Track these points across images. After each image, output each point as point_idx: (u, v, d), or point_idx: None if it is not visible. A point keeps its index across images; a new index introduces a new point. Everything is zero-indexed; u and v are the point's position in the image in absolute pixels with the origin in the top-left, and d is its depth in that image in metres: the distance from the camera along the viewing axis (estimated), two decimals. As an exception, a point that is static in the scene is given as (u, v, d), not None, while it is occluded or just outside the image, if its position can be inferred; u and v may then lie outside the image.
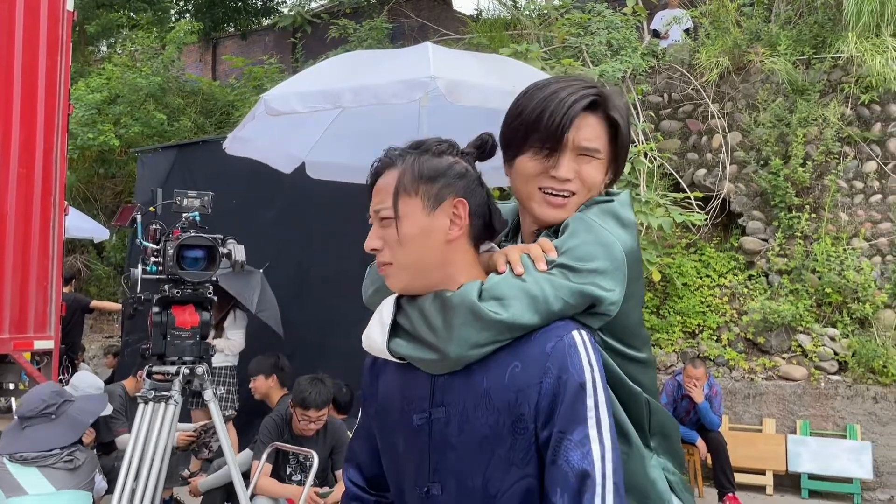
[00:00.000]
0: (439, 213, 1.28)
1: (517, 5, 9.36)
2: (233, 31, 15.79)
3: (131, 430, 2.83)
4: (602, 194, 1.41)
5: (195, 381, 2.93)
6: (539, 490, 1.20)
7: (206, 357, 3.00)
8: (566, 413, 1.16)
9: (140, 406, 2.87)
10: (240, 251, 3.12)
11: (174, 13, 15.42)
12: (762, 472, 6.25)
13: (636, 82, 7.60)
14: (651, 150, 6.31)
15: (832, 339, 6.64)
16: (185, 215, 3.14)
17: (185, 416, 4.89)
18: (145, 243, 3.07)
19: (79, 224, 8.72)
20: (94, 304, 8.04)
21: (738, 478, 5.93)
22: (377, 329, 1.34)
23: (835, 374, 6.51)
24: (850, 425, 6.24)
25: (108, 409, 3.64)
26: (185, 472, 5.14)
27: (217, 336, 5.51)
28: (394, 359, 1.32)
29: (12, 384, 4.82)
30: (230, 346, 5.58)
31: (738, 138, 7.71)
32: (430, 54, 3.62)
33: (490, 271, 1.31)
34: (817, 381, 6.45)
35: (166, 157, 7.58)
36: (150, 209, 3.16)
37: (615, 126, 1.38)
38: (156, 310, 2.95)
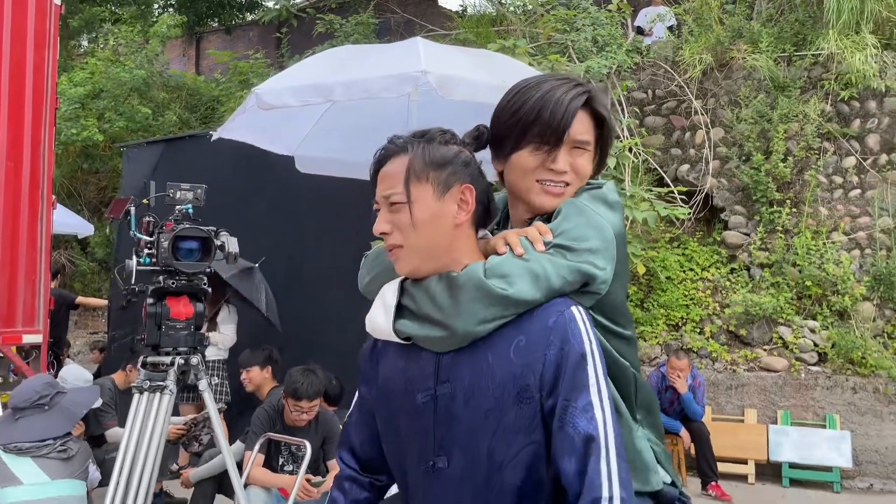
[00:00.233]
0: (448, 198, 1.34)
1: (503, 2, 9.42)
2: (217, 26, 15.70)
3: (126, 421, 2.86)
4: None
5: (190, 371, 2.96)
6: (545, 456, 1.27)
7: (200, 348, 3.03)
8: (570, 382, 1.23)
9: (135, 396, 2.90)
10: (233, 243, 3.15)
11: (157, 7, 15.32)
12: (744, 462, 6.37)
13: (621, 79, 7.69)
14: (636, 145, 6.40)
15: (812, 330, 6.77)
16: (178, 207, 3.16)
17: (174, 410, 4.91)
18: (139, 235, 3.10)
19: (63, 219, 8.67)
20: (80, 300, 8.01)
21: (721, 467, 6.05)
22: (381, 312, 1.39)
23: (815, 365, 6.64)
24: (829, 415, 6.37)
25: (98, 401, 3.66)
26: (173, 467, 5.17)
27: (210, 330, 5.53)
28: (399, 340, 1.37)
29: (1, 378, 4.81)
30: (223, 340, 5.60)
31: (721, 134, 7.82)
32: (421, 49, 3.66)
33: (489, 255, 1.37)
34: (798, 372, 6.58)
35: (152, 151, 7.56)
36: (144, 201, 3.18)
37: (601, 119, 1.48)
38: (150, 301, 2.98)
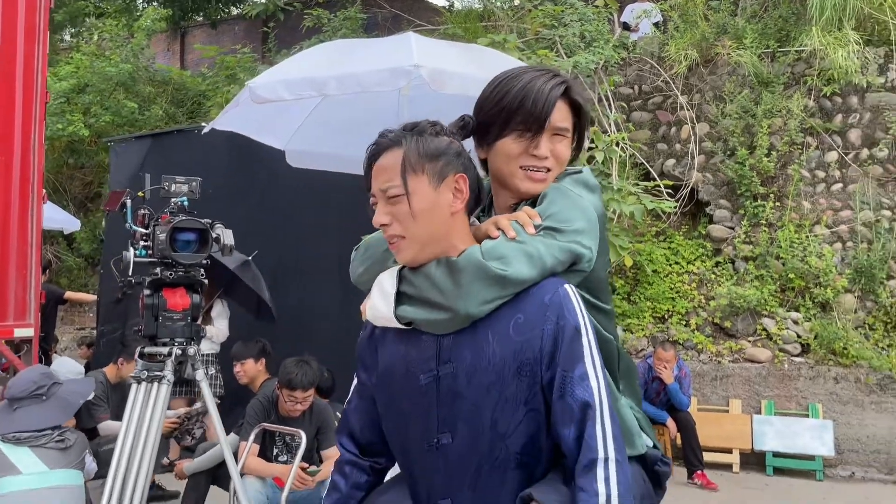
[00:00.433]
0: (443, 188, 1.40)
1: (490, -3, 9.45)
2: (202, 21, 15.61)
3: (124, 411, 2.89)
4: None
5: (187, 361, 2.99)
6: (544, 424, 1.34)
7: (196, 339, 3.07)
8: (566, 353, 1.31)
9: (132, 386, 2.93)
10: (228, 235, 3.18)
11: (142, 1, 15.21)
12: (729, 451, 6.48)
13: (608, 74, 7.77)
14: (623, 140, 6.48)
15: (795, 322, 6.89)
16: (173, 200, 3.19)
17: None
18: (135, 227, 3.12)
19: (49, 215, 8.58)
20: (68, 294, 7.98)
21: (706, 456, 6.15)
22: (380, 300, 1.44)
23: (798, 356, 6.76)
24: (812, 405, 6.50)
25: (91, 393, 3.68)
26: (164, 460, 5.19)
27: (205, 323, 5.55)
28: (401, 325, 1.42)
29: (-7, 372, 4.82)
30: (217, 334, 5.63)
31: (706, 129, 7.92)
32: (413, 43, 3.71)
33: (480, 239, 1.43)
34: (781, 362, 6.69)
35: (140, 146, 7.54)
36: (139, 194, 3.21)
37: (578, 108, 1.57)
38: (147, 292, 3.01)
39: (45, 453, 2.98)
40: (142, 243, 3.10)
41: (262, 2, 12.64)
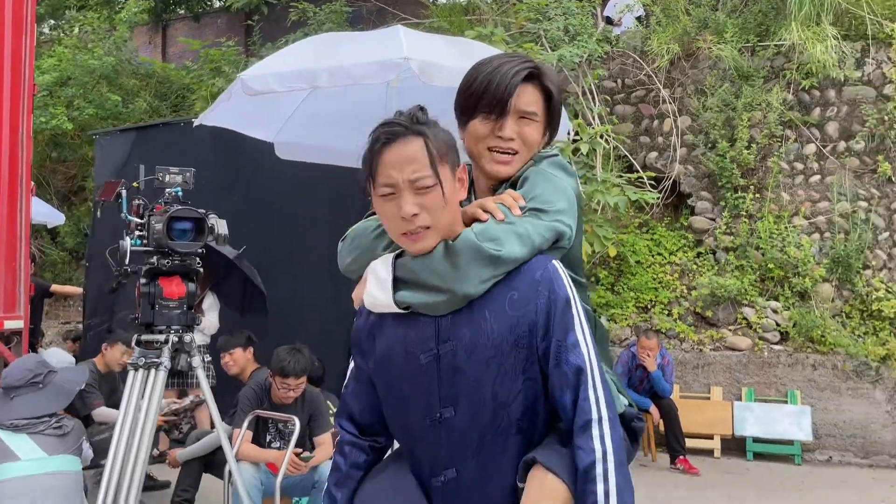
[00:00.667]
0: (454, 177, 1.48)
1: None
2: (184, 14, 15.52)
3: (123, 396, 2.94)
4: (539, 152, 1.67)
5: (183, 348, 3.05)
6: (541, 392, 1.44)
7: (192, 326, 3.12)
8: (559, 324, 1.41)
9: (130, 373, 2.99)
10: (222, 225, 3.24)
11: (124, -6, 15.08)
12: (710, 437, 6.63)
13: (592, 67, 7.87)
14: (607, 132, 6.58)
15: (774, 311, 7.05)
16: (168, 190, 3.25)
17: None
18: (130, 217, 3.17)
19: (33, 208, 8.57)
20: (55, 288, 7.97)
21: (689, 442, 6.30)
22: (377, 288, 1.50)
23: (777, 344, 6.92)
24: (790, 391, 6.66)
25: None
26: (154, 451, 5.24)
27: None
28: (399, 310, 1.48)
29: (-17, 362, 4.82)
30: (209, 326, 5.67)
31: (688, 122, 8.05)
32: (402, 36, 3.77)
33: (467, 222, 1.50)
34: (761, 350, 6.85)
35: (125, 139, 7.54)
36: (134, 185, 3.26)
37: (549, 95, 1.64)
38: (143, 281, 3.06)
39: (43, 440, 3.03)
40: (137, 233, 3.15)
41: (246, -5, 12.59)
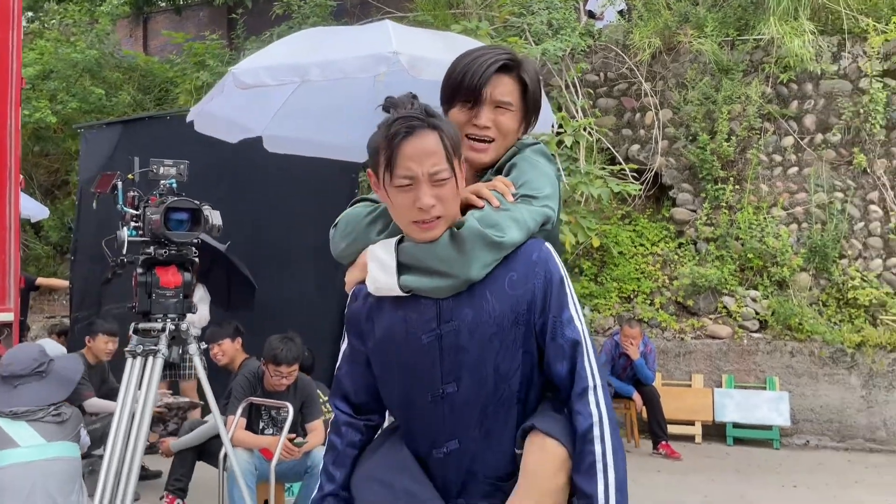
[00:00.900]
0: (461, 168, 1.55)
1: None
2: (165, 6, 15.43)
3: (121, 383, 3.01)
4: (520, 140, 1.76)
5: (180, 336, 3.12)
6: (537, 365, 1.54)
7: (189, 314, 3.19)
8: (555, 301, 1.51)
9: (128, 361, 3.05)
10: (216, 216, 3.31)
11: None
12: (692, 423, 6.79)
13: (575, 61, 7.97)
14: (590, 125, 6.69)
15: (754, 300, 7.21)
16: (162, 182, 3.31)
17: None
18: (125, 209, 3.23)
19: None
20: (41, 281, 7.97)
21: (671, 428, 6.46)
22: (380, 273, 1.57)
23: (756, 332, 7.09)
24: (769, 378, 6.83)
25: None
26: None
27: None
28: (403, 293, 1.55)
29: (-27, 356, 4.84)
30: (200, 318, 5.72)
31: (669, 115, 8.19)
32: (391, 30, 3.84)
33: (464, 207, 1.58)
34: (740, 338, 7.01)
35: (111, 133, 7.53)
36: (129, 177, 3.31)
37: (525, 85, 1.72)
38: (140, 271, 3.12)
39: (42, 427, 3.08)
40: (132, 224, 3.21)
41: (229, -12, 12.55)
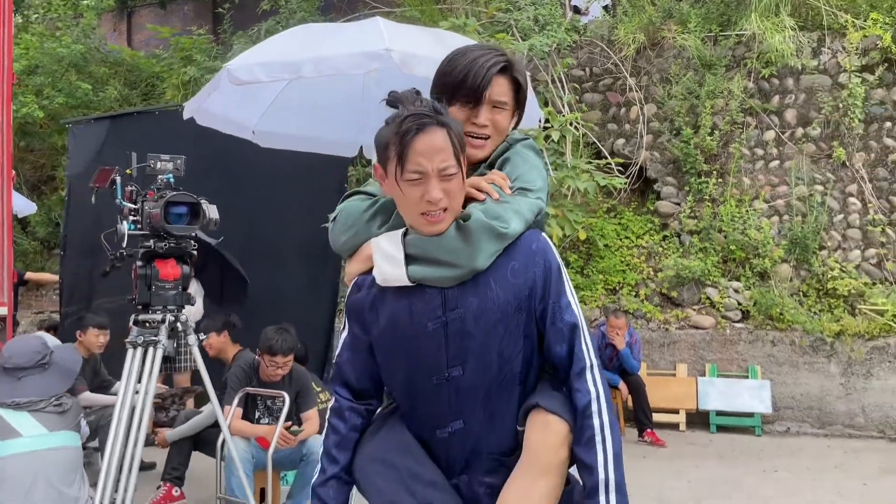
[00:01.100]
0: (465, 162, 1.64)
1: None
2: (149, 0, 15.35)
3: (122, 373, 3.08)
4: (510, 135, 1.85)
5: (179, 328, 3.19)
6: (537, 348, 1.65)
7: (188, 306, 3.27)
8: (554, 288, 1.61)
9: (129, 351, 3.13)
10: (213, 210, 3.38)
11: (89, -20, 14.87)
12: (676, 411, 6.94)
13: (561, 56, 8.07)
14: (576, 119, 6.79)
15: (736, 291, 7.37)
16: (160, 177, 3.37)
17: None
18: (124, 203, 3.30)
19: (5, 197, 8.54)
20: (29, 275, 7.97)
21: (656, 416, 6.60)
22: (387, 264, 1.64)
23: (738, 322, 7.24)
24: (751, 367, 6.99)
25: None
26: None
27: None
28: (410, 283, 1.63)
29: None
30: (195, 312, 5.77)
31: (654, 110, 8.31)
32: (382, 27, 3.91)
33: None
34: (723, 328, 7.17)
35: (99, 128, 7.53)
36: (127, 171, 3.37)
37: (518, 85, 1.82)
38: (139, 264, 3.19)
39: (44, 417, 3.14)
40: (131, 218, 3.28)
41: (215, -18, 12.52)
